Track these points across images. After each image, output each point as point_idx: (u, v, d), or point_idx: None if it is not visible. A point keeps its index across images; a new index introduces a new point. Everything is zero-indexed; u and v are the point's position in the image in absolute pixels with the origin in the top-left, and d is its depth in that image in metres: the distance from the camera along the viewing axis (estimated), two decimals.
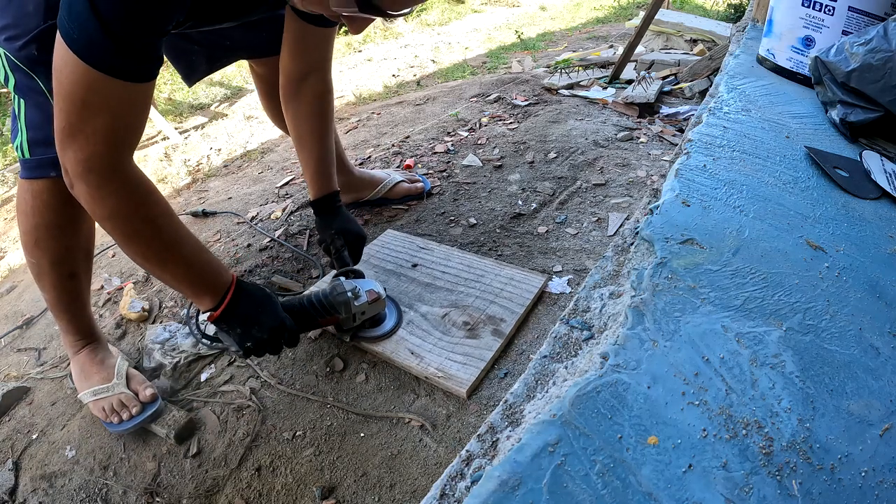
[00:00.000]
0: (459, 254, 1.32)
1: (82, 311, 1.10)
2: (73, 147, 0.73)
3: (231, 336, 0.91)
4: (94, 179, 0.75)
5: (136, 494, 0.95)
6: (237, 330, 0.90)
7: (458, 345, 1.06)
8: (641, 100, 2.17)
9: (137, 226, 0.80)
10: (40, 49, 0.86)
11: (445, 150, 1.89)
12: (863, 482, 0.46)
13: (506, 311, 1.13)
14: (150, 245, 0.82)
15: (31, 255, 1.01)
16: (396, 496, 0.87)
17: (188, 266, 0.85)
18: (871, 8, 1.19)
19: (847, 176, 0.93)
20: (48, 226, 0.98)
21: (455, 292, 1.19)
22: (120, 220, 0.79)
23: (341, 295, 1.01)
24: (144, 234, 0.81)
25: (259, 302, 0.92)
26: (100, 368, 1.08)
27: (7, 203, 2.62)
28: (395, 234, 1.42)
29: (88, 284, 1.10)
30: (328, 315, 1.02)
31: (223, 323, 0.89)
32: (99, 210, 0.77)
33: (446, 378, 1.00)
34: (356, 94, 3.18)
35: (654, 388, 0.53)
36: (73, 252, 1.03)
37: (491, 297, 1.17)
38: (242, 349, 0.90)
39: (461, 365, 1.02)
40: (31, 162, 0.92)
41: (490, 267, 1.26)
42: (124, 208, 0.78)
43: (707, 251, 0.72)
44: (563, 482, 0.45)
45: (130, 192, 0.78)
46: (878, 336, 0.61)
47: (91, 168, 0.74)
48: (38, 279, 1.05)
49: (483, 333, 1.09)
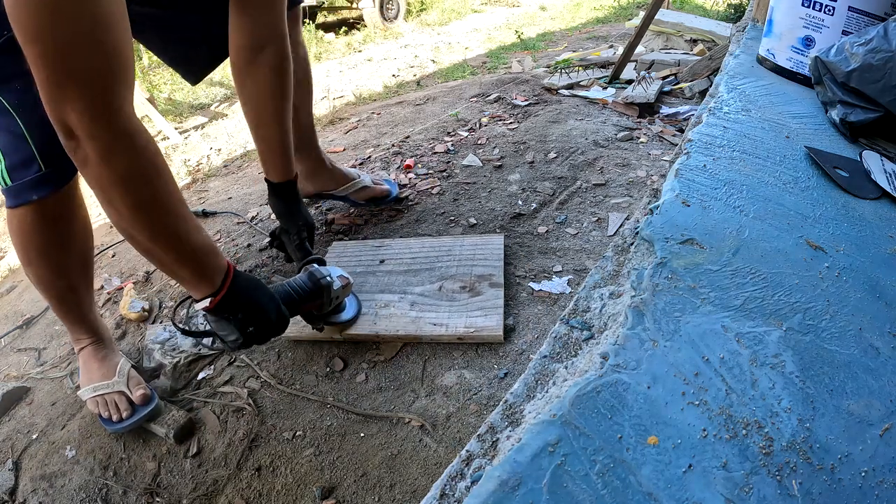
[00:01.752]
0: (416, 240, 1.38)
1: (86, 316, 1.10)
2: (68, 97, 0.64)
3: (231, 323, 0.85)
4: (101, 129, 0.66)
5: (136, 494, 0.95)
6: (238, 315, 0.85)
7: (468, 304, 1.14)
8: (641, 100, 2.17)
9: (149, 192, 0.72)
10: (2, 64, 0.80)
11: (445, 150, 1.89)
12: (863, 482, 0.46)
13: (489, 267, 1.23)
14: (162, 216, 0.74)
15: (27, 271, 1.00)
16: (396, 496, 0.87)
17: (193, 246, 0.78)
18: (871, 8, 1.19)
19: (847, 176, 0.93)
20: (38, 248, 0.95)
21: (435, 269, 1.25)
22: (132, 183, 0.70)
23: (323, 279, 1.02)
24: (157, 203, 0.73)
25: (256, 285, 0.89)
26: (101, 365, 1.08)
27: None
28: (343, 244, 1.41)
29: (89, 292, 1.09)
30: (311, 301, 1.01)
31: (224, 309, 0.84)
32: (108, 172, 0.68)
33: (478, 331, 1.07)
34: (356, 94, 3.18)
35: (654, 388, 0.53)
36: (68, 268, 1.01)
37: (468, 262, 1.26)
38: (243, 335, 0.86)
39: (483, 317, 1.10)
40: (13, 189, 0.88)
41: (451, 241, 1.35)
42: (136, 167, 0.70)
43: (707, 251, 0.72)
44: (563, 482, 0.45)
45: (142, 148, 0.71)
46: (878, 336, 0.61)
47: (95, 114, 0.65)
48: (38, 289, 1.05)
49: (483, 289, 1.17)
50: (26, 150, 0.85)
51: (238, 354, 1.13)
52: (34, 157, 0.86)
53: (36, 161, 0.86)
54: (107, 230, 1.92)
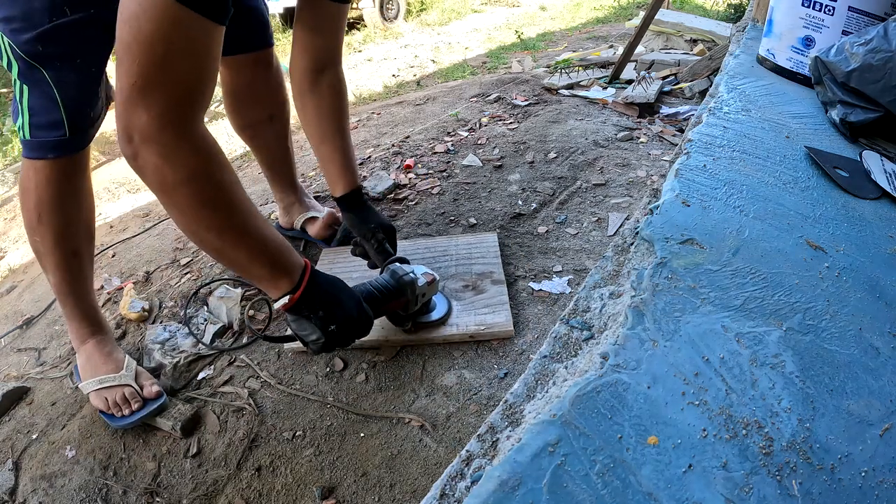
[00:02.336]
0: (409, 242, 1.39)
1: (87, 295, 1.11)
2: (145, 103, 0.67)
3: (312, 321, 0.84)
4: (170, 137, 0.69)
5: (136, 494, 0.95)
6: (319, 313, 0.83)
7: (474, 302, 1.15)
8: (641, 100, 2.17)
9: (215, 191, 0.73)
10: (46, 45, 0.87)
11: (445, 150, 1.89)
12: (863, 482, 0.46)
13: (488, 265, 1.24)
14: (230, 214, 0.75)
15: (35, 232, 1.03)
16: (396, 496, 0.87)
17: (264, 241, 0.78)
18: (871, 8, 1.19)
19: (847, 176, 0.93)
20: (51, 199, 1.00)
21: (434, 270, 1.23)
22: (199, 182, 0.72)
23: (406, 276, 1.00)
24: (223, 201, 0.74)
25: (335, 283, 0.88)
26: (107, 360, 1.08)
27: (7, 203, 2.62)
28: (335, 251, 1.39)
29: (91, 266, 1.11)
30: (395, 299, 0.99)
31: (304, 306, 0.82)
32: (173, 173, 0.70)
33: (489, 327, 1.08)
34: (356, 94, 3.18)
35: (654, 388, 0.53)
36: (75, 226, 1.05)
37: (466, 261, 1.26)
38: (325, 335, 0.84)
39: (492, 314, 1.11)
40: (32, 143, 0.96)
41: (446, 241, 1.35)
42: (203, 169, 0.72)
43: (707, 251, 0.72)
44: (563, 482, 0.45)
45: (208, 152, 0.73)
46: (878, 336, 0.61)
47: (167, 123, 0.68)
48: (41, 260, 1.06)
49: (486, 287, 1.18)
50: (56, 115, 0.93)
51: (322, 357, 1.09)
52: (62, 123, 0.94)
53: (63, 126, 0.95)
54: (107, 230, 1.92)
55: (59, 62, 0.90)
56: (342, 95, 1.15)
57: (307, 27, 1.07)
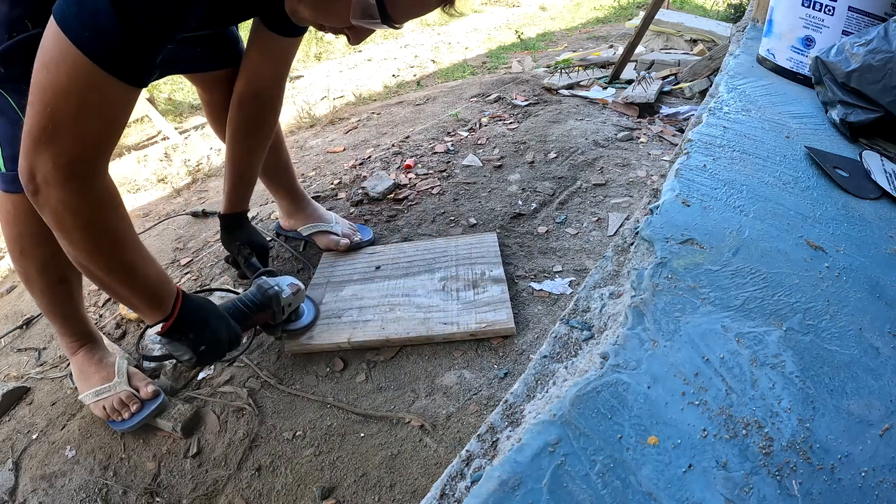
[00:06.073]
0: (408, 244, 1.39)
1: (76, 314, 1.09)
2: (53, 150, 0.67)
3: (183, 343, 0.88)
4: (74, 188, 0.69)
5: (136, 494, 0.95)
6: (190, 335, 0.88)
7: (476, 300, 1.15)
8: (641, 100, 2.17)
9: (110, 237, 0.76)
10: (7, 66, 0.81)
11: (445, 150, 1.89)
12: (863, 482, 0.46)
13: (488, 264, 1.25)
14: (121, 256, 0.78)
15: (18, 263, 1.00)
16: (396, 496, 0.87)
17: (146, 278, 0.82)
18: (871, 8, 1.19)
19: (847, 176, 0.93)
20: (32, 234, 0.96)
21: (435, 270, 1.26)
22: (96, 230, 0.74)
23: (271, 289, 1.05)
24: (116, 246, 0.77)
25: (203, 306, 0.92)
26: (99, 368, 1.07)
27: None
28: (333, 255, 1.39)
29: (80, 287, 1.09)
30: (262, 311, 1.04)
31: (176, 331, 0.87)
32: (72, 220, 0.72)
33: (490, 325, 1.09)
34: (356, 94, 3.18)
35: (654, 388, 0.53)
36: (60, 257, 0.98)
37: (466, 260, 1.27)
38: (196, 354, 0.89)
39: (493, 312, 1.12)
40: (8, 176, 0.90)
41: (445, 242, 1.36)
42: (100, 217, 0.74)
43: (707, 251, 0.72)
44: (563, 482, 0.45)
45: (108, 202, 0.74)
46: (878, 336, 0.61)
47: (72, 175, 0.69)
48: (27, 286, 1.04)
49: (487, 285, 1.19)
50: None
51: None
52: None
53: None
54: None
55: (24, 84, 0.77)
56: (267, 124, 1.17)
57: (257, 53, 1.09)
